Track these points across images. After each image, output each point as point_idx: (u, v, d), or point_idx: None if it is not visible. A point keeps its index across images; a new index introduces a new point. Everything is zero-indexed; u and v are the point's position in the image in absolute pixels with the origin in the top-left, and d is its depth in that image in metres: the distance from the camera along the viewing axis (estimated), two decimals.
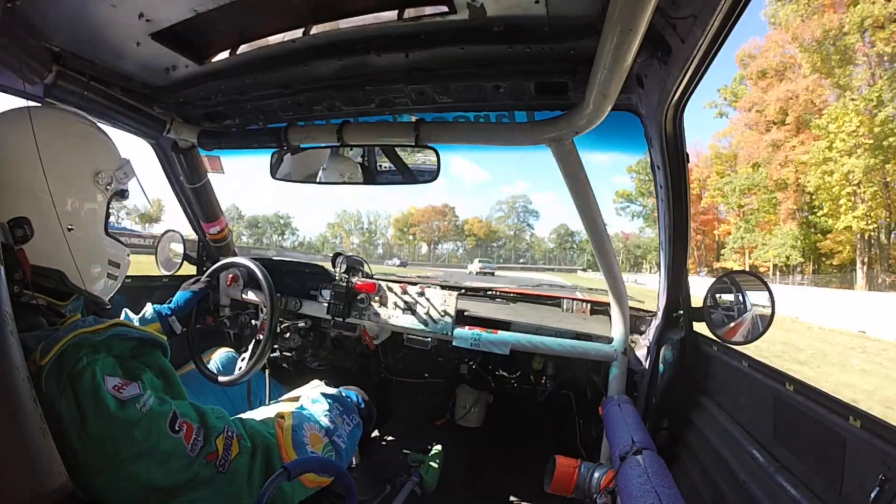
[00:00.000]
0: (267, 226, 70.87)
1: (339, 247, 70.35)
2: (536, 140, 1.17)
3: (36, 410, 0.57)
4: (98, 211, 0.94)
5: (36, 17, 1.01)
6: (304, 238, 73.95)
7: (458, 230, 72.65)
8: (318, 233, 76.00)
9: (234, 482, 0.79)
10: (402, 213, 76.00)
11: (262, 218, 71.45)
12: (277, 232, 71.14)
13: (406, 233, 71.97)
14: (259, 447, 0.86)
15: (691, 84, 0.92)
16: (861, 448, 0.71)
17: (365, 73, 1.19)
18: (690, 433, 1.33)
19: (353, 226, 73.62)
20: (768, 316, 1.18)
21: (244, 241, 65.41)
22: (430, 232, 71.85)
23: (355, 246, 71.32)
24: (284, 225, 71.83)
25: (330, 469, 0.89)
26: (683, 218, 1.27)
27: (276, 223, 71.36)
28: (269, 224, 70.92)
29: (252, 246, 57.43)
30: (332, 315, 1.84)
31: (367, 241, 73.62)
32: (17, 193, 0.82)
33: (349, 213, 74.97)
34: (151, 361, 0.82)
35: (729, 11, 0.70)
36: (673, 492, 0.84)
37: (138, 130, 1.53)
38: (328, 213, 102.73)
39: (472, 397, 2.29)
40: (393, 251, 69.11)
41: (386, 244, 73.66)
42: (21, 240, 0.78)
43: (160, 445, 0.71)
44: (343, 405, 1.16)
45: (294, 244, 72.02)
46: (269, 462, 0.87)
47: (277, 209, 76.98)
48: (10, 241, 0.77)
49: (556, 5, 0.87)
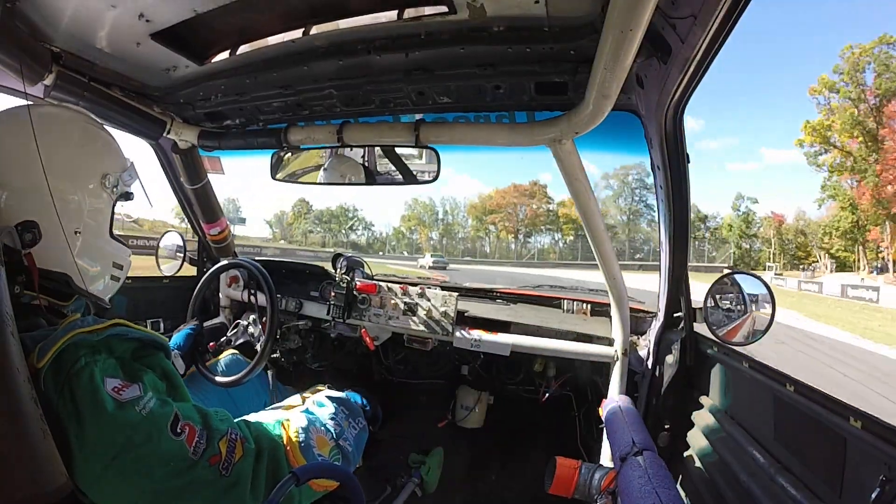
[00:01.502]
0: (333, 220, 58.68)
1: (417, 242, 56.69)
2: (536, 140, 1.17)
3: (36, 411, 0.57)
4: (104, 213, 0.94)
5: (36, 17, 1.01)
6: (379, 233, 60.11)
7: (551, 217, 52.34)
8: (390, 226, 61.08)
9: (238, 485, 0.78)
10: (479, 196, 58.17)
11: (326, 211, 59.32)
12: (344, 226, 58.58)
13: (484, 222, 54.46)
14: (265, 450, 0.85)
15: (691, 84, 0.92)
16: (861, 449, 0.71)
17: (365, 73, 1.19)
18: (691, 434, 1.33)
19: (429, 217, 57.28)
20: (768, 317, 1.18)
21: (317, 240, 55.45)
22: (513, 219, 52.92)
23: (434, 241, 56.43)
24: (352, 219, 59.20)
25: (338, 475, 0.88)
26: (684, 218, 1.26)
27: (342, 217, 58.87)
28: (335, 218, 58.79)
29: (324, 249, 46.39)
30: (332, 316, 1.84)
31: (447, 233, 57.11)
32: (25, 196, 0.81)
33: (421, 201, 58.18)
34: (154, 363, 0.81)
35: (729, 11, 0.70)
36: (673, 493, 0.84)
37: (138, 131, 1.53)
38: (393, 202, 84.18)
39: (473, 398, 2.29)
40: (466, 247, 54.27)
41: (466, 238, 56.77)
42: (29, 243, 0.78)
43: (161, 448, 0.71)
44: (348, 408, 1.15)
45: (370, 241, 58.57)
46: (276, 465, 0.86)
47: (343, 201, 61.49)
48: (19, 245, 0.76)
49: (556, 5, 0.87)
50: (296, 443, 0.91)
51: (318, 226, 58.89)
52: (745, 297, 1.26)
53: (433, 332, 1.72)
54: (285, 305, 1.94)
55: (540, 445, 2.09)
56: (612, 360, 1.54)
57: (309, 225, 58.22)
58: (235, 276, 2.04)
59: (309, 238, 56.45)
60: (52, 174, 0.81)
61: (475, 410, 2.28)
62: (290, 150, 1.57)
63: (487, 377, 2.23)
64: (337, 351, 2.20)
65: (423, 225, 57.68)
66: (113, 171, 0.94)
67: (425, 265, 33.18)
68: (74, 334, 0.70)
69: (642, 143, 1.24)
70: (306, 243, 53.67)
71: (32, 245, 0.78)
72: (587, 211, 1.29)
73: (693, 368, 1.36)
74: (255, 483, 0.81)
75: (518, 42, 0.99)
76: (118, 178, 0.95)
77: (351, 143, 1.42)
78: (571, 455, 1.21)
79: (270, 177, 1.71)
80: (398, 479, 1.83)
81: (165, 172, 1.92)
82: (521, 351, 1.62)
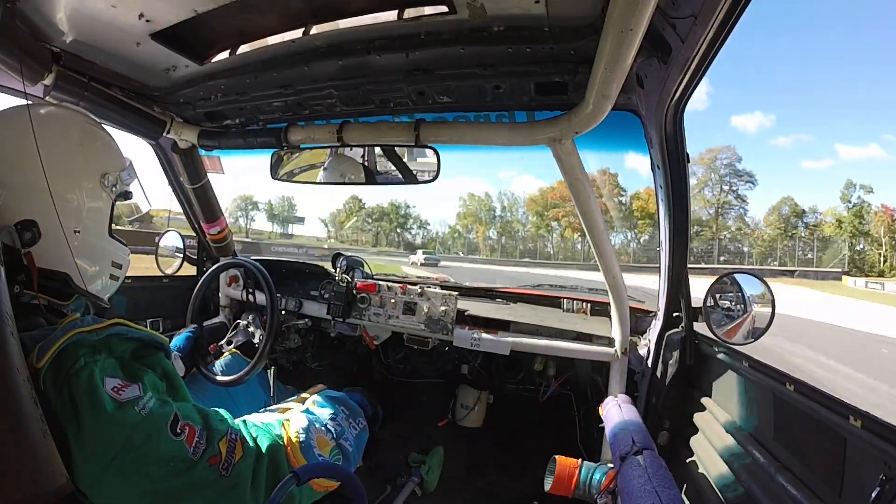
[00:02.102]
0: (384, 218, 53.20)
1: (473, 241, 50.47)
2: (536, 140, 1.17)
3: (36, 411, 0.57)
4: (103, 213, 0.94)
5: (36, 17, 1.01)
6: (435, 232, 53.82)
7: (623, 211, 43.73)
8: (445, 224, 54.14)
9: (238, 486, 0.78)
10: (540, 190, 49.73)
11: (377, 208, 53.73)
12: (395, 224, 52.98)
13: (545, 217, 47.35)
14: (266, 450, 0.85)
15: (691, 84, 0.92)
16: (861, 448, 0.71)
17: (365, 73, 1.19)
18: (691, 433, 1.33)
19: (485, 214, 50.51)
20: (768, 316, 1.18)
21: (369, 239, 50.84)
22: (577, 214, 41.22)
23: (492, 241, 50.06)
24: (405, 216, 53.67)
25: (339, 475, 0.88)
26: (684, 218, 1.27)
27: (394, 214, 53.25)
28: (386, 216, 53.45)
29: (376, 251, 41.68)
30: (332, 315, 1.84)
31: (505, 231, 50.23)
32: (24, 195, 0.81)
33: (477, 195, 51.89)
34: (154, 363, 0.81)
35: (729, 11, 0.70)
36: (673, 492, 0.84)
37: (138, 131, 1.53)
38: (443, 196, 70.16)
39: (473, 397, 2.29)
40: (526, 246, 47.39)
41: (527, 237, 49.67)
42: (29, 243, 0.78)
43: (160, 448, 0.71)
44: (349, 408, 1.16)
45: (426, 241, 51.93)
46: (276, 465, 0.86)
47: (393, 197, 55.23)
48: (18, 244, 0.76)
49: (556, 5, 0.87)
50: (296, 443, 0.91)
51: (370, 224, 54.12)
52: (745, 296, 1.26)
53: (433, 332, 1.72)
54: (285, 305, 1.94)
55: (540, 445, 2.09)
56: (612, 359, 1.54)
57: (360, 223, 54.16)
58: (235, 275, 2.04)
59: (361, 237, 52.64)
60: (51, 173, 0.81)
61: (475, 410, 2.28)
62: (290, 149, 1.56)
63: (487, 376, 2.24)
64: (337, 350, 2.21)
65: (480, 222, 51.36)
66: (112, 170, 0.94)
67: (417, 262, 32.53)
68: (74, 334, 0.70)
69: (642, 142, 1.24)
70: (361, 243, 50.77)
71: (32, 244, 0.78)
72: (587, 210, 1.29)
73: (693, 368, 1.36)
74: (255, 483, 0.81)
75: (518, 42, 0.99)
76: (117, 177, 0.95)
77: (351, 143, 1.42)
78: (571, 455, 1.21)
79: (270, 176, 1.71)
80: (398, 479, 1.83)
81: (165, 172, 1.92)
82: (521, 350, 1.62)
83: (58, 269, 0.85)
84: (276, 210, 52.58)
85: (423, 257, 34.80)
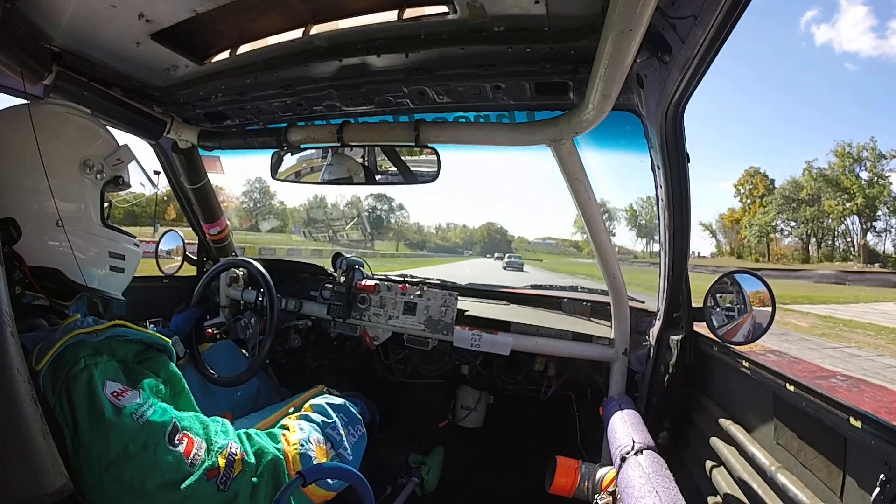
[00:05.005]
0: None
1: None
2: (536, 140, 1.17)
3: (36, 412, 0.57)
4: (90, 202, 0.91)
5: (36, 17, 1.01)
6: None
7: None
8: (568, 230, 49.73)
9: (236, 502, 0.76)
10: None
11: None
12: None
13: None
14: (266, 465, 0.83)
15: (691, 84, 0.92)
16: (862, 448, 0.71)
17: (365, 73, 1.19)
18: (691, 433, 1.33)
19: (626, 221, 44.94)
20: (768, 316, 1.18)
21: None
22: None
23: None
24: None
25: (346, 475, 0.86)
26: (684, 218, 1.26)
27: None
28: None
29: None
30: (332, 315, 1.84)
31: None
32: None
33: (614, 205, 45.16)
34: (157, 367, 0.79)
35: (729, 11, 0.70)
36: (674, 492, 0.84)
37: (138, 131, 1.53)
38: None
39: (474, 398, 2.29)
40: None
41: None
42: (8, 241, 0.76)
43: (157, 458, 0.69)
44: (347, 415, 1.14)
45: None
46: (276, 479, 0.84)
47: None
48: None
49: (556, 5, 0.87)
50: (296, 455, 0.89)
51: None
52: (746, 296, 1.26)
53: (433, 332, 1.72)
54: (285, 305, 1.94)
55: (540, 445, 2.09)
56: (612, 359, 1.54)
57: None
58: (235, 275, 2.04)
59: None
60: (22, 168, 0.79)
61: (475, 410, 2.28)
62: (290, 149, 1.56)
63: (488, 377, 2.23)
64: (337, 350, 2.20)
65: None
66: (95, 155, 0.91)
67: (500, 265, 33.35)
68: (73, 335, 0.69)
69: (642, 142, 1.24)
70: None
71: (12, 243, 0.77)
72: (587, 210, 1.29)
73: (693, 368, 1.36)
74: (254, 497, 0.79)
75: (518, 42, 0.99)
76: (103, 163, 0.92)
77: (351, 143, 1.42)
78: (571, 455, 1.21)
79: (270, 176, 1.71)
80: (398, 479, 1.83)
81: (165, 172, 1.92)
82: (522, 350, 1.62)
83: (47, 265, 0.82)
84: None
85: (507, 261, 36.92)
